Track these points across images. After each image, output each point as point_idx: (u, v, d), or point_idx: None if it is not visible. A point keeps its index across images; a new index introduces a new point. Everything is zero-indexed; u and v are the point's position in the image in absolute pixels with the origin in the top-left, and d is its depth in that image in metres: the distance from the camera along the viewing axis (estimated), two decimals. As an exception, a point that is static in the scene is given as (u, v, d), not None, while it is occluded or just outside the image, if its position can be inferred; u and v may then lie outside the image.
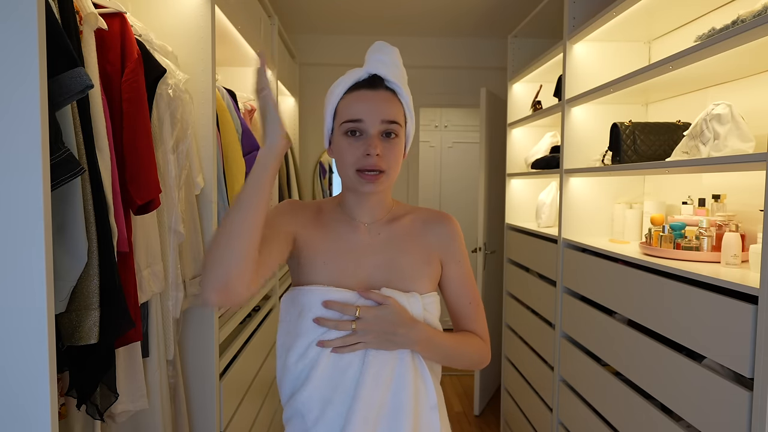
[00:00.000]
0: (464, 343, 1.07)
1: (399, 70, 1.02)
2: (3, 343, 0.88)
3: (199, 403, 1.73)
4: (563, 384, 2.25)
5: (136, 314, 1.24)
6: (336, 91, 1.01)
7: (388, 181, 1.00)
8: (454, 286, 1.09)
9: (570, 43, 2.22)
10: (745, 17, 1.31)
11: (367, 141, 0.96)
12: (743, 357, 1.20)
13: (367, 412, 0.94)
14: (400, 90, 1.01)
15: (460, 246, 1.10)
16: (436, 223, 1.10)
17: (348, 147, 0.98)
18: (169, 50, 1.57)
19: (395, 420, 0.96)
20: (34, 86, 0.85)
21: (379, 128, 0.97)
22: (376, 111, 0.97)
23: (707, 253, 1.55)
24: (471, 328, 1.10)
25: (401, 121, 1.01)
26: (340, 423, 0.95)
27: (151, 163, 1.30)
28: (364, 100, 0.98)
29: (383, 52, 1.01)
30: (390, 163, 0.98)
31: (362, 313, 0.96)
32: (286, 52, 3.32)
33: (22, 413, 0.89)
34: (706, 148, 1.50)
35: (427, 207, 1.18)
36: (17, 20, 0.84)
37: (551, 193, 2.67)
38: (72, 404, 1.20)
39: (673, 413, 1.50)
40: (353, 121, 0.97)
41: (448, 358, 1.05)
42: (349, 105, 0.98)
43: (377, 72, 0.99)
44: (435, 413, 1.01)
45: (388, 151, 0.98)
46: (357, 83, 1.00)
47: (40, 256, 0.87)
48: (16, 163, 0.86)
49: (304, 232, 1.04)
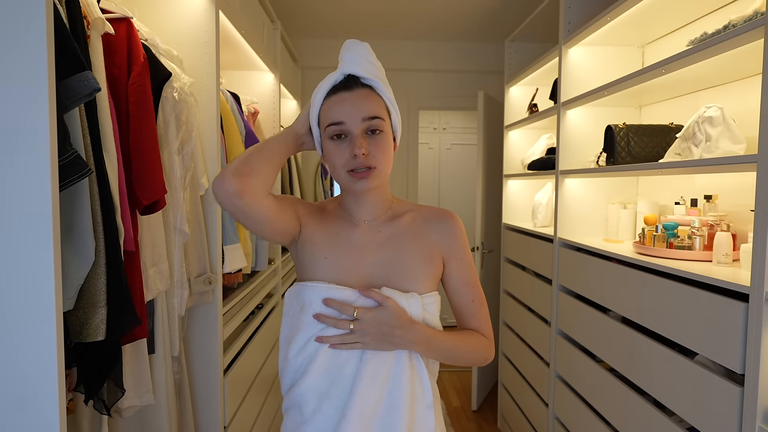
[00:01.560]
0: (465, 342, 1.06)
1: (372, 65, 1.00)
2: (13, 340, 0.88)
3: (204, 399, 1.73)
4: (559, 380, 2.25)
5: (142, 312, 1.24)
6: (316, 98, 1.00)
7: (380, 176, 0.99)
8: (456, 284, 1.08)
9: (565, 47, 2.22)
10: (736, 22, 1.31)
11: (352, 142, 0.96)
12: (734, 353, 1.20)
13: (363, 408, 0.94)
14: (377, 85, 0.99)
15: (463, 244, 1.08)
16: (438, 220, 1.08)
17: (336, 150, 0.97)
18: (174, 54, 1.57)
19: (391, 417, 0.96)
20: (43, 89, 0.85)
21: (361, 126, 0.96)
22: (356, 110, 0.96)
23: (699, 252, 1.55)
24: (474, 325, 1.08)
25: (383, 115, 0.99)
26: (336, 417, 0.95)
27: (156, 164, 1.30)
28: (342, 102, 0.97)
29: (354, 51, 1.00)
30: (378, 159, 0.97)
31: (360, 314, 0.95)
32: (289, 56, 3.32)
33: (32, 408, 0.89)
34: (698, 149, 1.50)
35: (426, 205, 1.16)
36: (27, 25, 0.84)
37: (547, 194, 2.67)
38: (80, 399, 1.20)
39: (666, 408, 1.50)
40: (335, 124, 0.97)
41: (449, 357, 1.04)
42: (329, 110, 0.98)
43: (351, 71, 0.98)
44: (431, 412, 1.00)
45: (374, 147, 0.97)
46: (334, 87, 0.99)
47: (48, 255, 0.87)
48: (26, 165, 0.86)
49: (310, 224, 1.05)
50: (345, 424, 0.93)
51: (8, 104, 0.85)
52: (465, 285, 1.08)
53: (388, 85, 1.02)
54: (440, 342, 1.01)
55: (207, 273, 1.69)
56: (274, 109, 2.78)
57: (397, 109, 1.04)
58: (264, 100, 2.73)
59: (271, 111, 2.77)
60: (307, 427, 0.97)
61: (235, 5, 1.95)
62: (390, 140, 1.01)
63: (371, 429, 0.95)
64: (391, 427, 0.95)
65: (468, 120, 5.30)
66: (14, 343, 0.88)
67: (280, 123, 2.84)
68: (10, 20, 0.84)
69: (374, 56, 1.02)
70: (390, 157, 1.01)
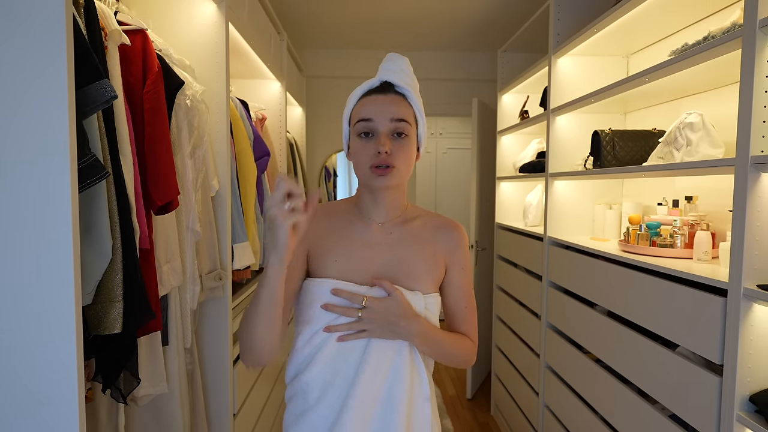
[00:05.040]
0: (457, 343, 1.06)
1: (408, 77, 1.01)
2: (35, 333, 0.88)
3: (214, 388, 1.73)
4: (548, 370, 2.25)
5: (156, 306, 1.24)
6: (351, 99, 1.01)
7: (399, 177, 0.98)
8: (454, 289, 1.08)
9: (555, 57, 2.22)
10: (716, 33, 1.31)
11: (377, 140, 0.95)
12: (713, 345, 1.20)
13: (364, 398, 0.94)
14: (410, 94, 1.00)
15: (466, 254, 1.08)
16: (446, 230, 1.08)
17: (361, 147, 0.97)
18: (186, 64, 1.57)
19: (390, 407, 0.96)
20: (63, 97, 0.85)
21: (388, 126, 0.96)
22: (385, 111, 0.96)
23: (680, 250, 1.55)
24: (463, 329, 1.08)
25: (411, 120, 0.99)
26: (339, 405, 0.95)
27: (170, 167, 1.30)
28: (374, 102, 0.98)
29: (393, 62, 1.01)
30: (400, 160, 0.97)
31: (369, 302, 0.95)
32: (294, 66, 3.32)
33: (53, 397, 0.89)
34: (680, 153, 1.50)
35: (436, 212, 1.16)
36: (48, 37, 0.84)
37: (537, 195, 2.67)
38: (98, 389, 1.21)
39: (650, 397, 1.50)
40: (364, 120, 0.96)
41: (440, 355, 1.04)
42: (361, 108, 0.98)
43: (387, 79, 0.99)
44: (428, 404, 1.01)
45: (398, 149, 0.96)
46: (369, 90, 1.00)
47: (68, 252, 0.87)
48: (47, 168, 0.86)
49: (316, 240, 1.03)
50: (346, 412, 0.93)
51: (31, 111, 0.85)
52: (462, 292, 1.08)
53: (419, 97, 1.02)
54: (436, 338, 1.01)
55: (217, 269, 1.69)
56: (281, 115, 2.78)
57: (425, 121, 1.04)
58: (271, 107, 2.73)
59: (277, 117, 2.77)
60: (311, 414, 0.97)
61: (243, 17, 1.95)
62: (413, 147, 1.01)
63: (372, 418, 0.95)
64: (390, 417, 0.95)
65: (463, 125, 5.30)
66: (36, 336, 0.88)
67: (286, 128, 2.84)
68: (33, 31, 0.84)
69: (411, 69, 1.03)
70: (411, 163, 1.00)
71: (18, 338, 0.88)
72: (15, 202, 0.86)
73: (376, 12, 3.07)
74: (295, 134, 3.49)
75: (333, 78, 3.89)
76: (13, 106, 0.85)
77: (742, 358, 1.13)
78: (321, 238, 1.03)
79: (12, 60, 0.85)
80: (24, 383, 0.89)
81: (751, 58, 1.10)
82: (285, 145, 2.83)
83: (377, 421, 0.95)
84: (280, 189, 0.82)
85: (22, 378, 0.89)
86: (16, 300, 0.87)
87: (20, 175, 0.86)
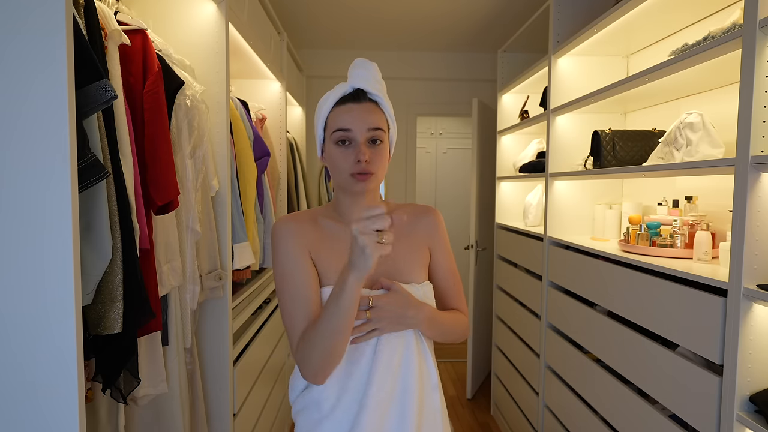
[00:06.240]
0: (455, 320, 1.10)
1: (378, 83, 1.04)
2: (35, 333, 0.88)
3: (214, 388, 1.73)
4: (548, 370, 2.25)
5: (156, 306, 1.24)
6: (325, 105, 1.03)
7: (377, 181, 1.03)
8: (441, 271, 1.12)
9: (555, 57, 2.22)
10: (715, 33, 1.31)
11: (356, 148, 0.98)
12: (713, 345, 1.20)
13: (380, 396, 0.96)
14: (382, 101, 1.03)
15: (444, 234, 1.14)
16: (422, 215, 1.13)
17: (341, 155, 0.99)
18: (186, 64, 1.57)
19: (403, 401, 0.98)
20: (63, 97, 0.85)
21: (366, 135, 0.99)
22: (362, 121, 0.99)
23: (680, 250, 1.55)
24: (455, 305, 1.13)
25: (384, 127, 1.02)
26: (356, 408, 0.96)
27: (170, 167, 1.30)
28: (351, 111, 1.00)
29: (364, 68, 1.03)
30: (377, 166, 1.00)
31: (375, 301, 0.97)
32: (294, 66, 3.32)
33: (53, 397, 0.89)
34: (680, 153, 1.50)
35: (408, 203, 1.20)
36: (48, 37, 0.84)
37: (537, 195, 2.67)
38: (98, 389, 1.20)
39: (650, 397, 1.50)
40: (343, 130, 0.99)
41: (444, 334, 1.07)
42: (338, 117, 1.00)
43: (360, 86, 1.01)
44: (436, 393, 1.04)
45: (375, 155, 1.00)
46: (343, 97, 1.01)
47: (68, 252, 0.87)
48: (50, 168, 0.86)
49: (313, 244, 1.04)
50: (364, 413, 0.94)
51: (31, 111, 0.85)
52: (448, 272, 1.13)
53: (389, 102, 1.05)
54: (440, 320, 1.05)
55: (217, 270, 1.69)
56: (281, 115, 2.78)
57: (395, 124, 1.08)
58: (271, 107, 2.73)
59: (277, 117, 2.77)
60: (326, 423, 0.97)
61: (243, 18, 1.95)
62: (387, 151, 1.04)
63: (388, 414, 0.97)
64: (405, 410, 0.97)
65: (463, 126, 5.30)
66: (36, 336, 0.88)
67: (286, 128, 2.84)
68: (33, 31, 0.84)
69: (380, 75, 1.06)
70: (386, 165, 1.04)
71: (18, 338, 0.88)
72: (15, 202, 0.86)
73: (376, 12, 3.07)
74: (295, 134, 3.49)
75: (333, 78, 3.89)
76: (13, 106, 0.85)
77: (742, 358, 1.13)
78: (316, 248, 1.04)
79: (12, 60, 0.84)
80: (24, 383, 0.88)
81: (751, 58, 1.10)
82: (285, 145, 2.83)
83: (394, 415, 0.97)
84: (377, 223, 0.83)
85: (22, 378, 0.88)
86: (17, 300, 0.87)
87: (20, 175, 0.86)
